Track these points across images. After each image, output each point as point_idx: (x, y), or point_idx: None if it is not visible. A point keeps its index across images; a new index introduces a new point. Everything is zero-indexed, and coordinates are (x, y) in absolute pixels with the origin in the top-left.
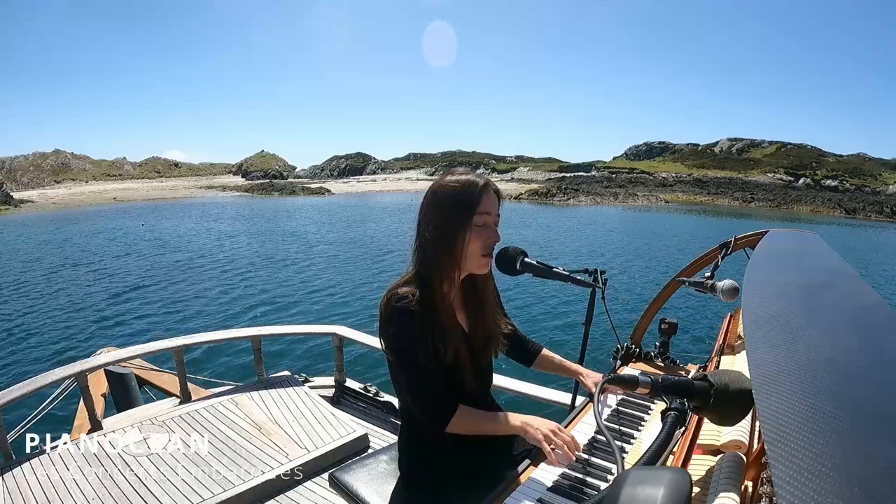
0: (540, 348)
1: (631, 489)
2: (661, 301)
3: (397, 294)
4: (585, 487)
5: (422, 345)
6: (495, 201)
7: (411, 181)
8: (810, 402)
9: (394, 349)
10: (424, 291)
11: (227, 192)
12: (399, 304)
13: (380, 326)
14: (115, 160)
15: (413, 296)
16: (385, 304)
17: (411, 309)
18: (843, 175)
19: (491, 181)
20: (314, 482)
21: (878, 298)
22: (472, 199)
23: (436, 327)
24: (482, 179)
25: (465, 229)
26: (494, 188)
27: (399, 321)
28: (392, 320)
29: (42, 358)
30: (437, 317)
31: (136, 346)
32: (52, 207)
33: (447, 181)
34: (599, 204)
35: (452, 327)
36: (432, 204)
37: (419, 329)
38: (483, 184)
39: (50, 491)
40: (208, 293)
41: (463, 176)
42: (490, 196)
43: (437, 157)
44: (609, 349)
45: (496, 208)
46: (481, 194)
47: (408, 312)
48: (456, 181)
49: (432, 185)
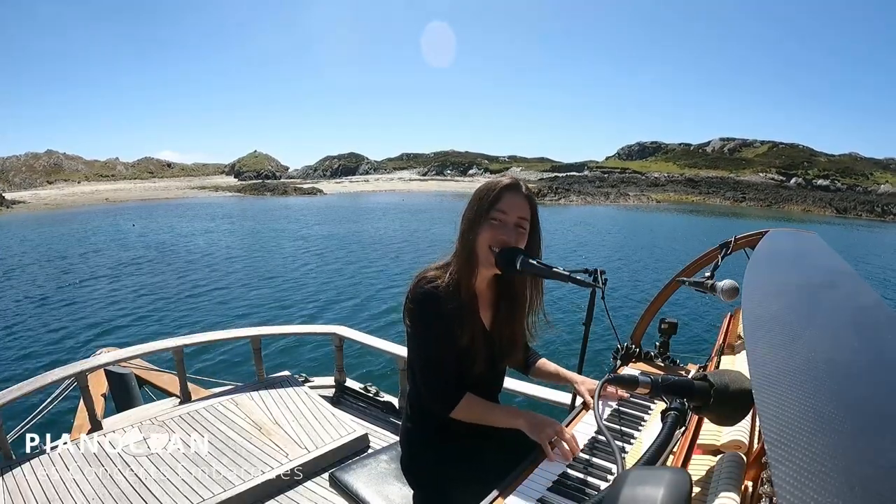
0: (538, 358)
1: (631, 489)
2: (661, 301)
3: (426, 278)
4: (585, 487)
5: (441, 328)
6: (522, 204)
7: (404, 181)
8: (810, 402)
9: (414, 327)
10: (451, 278)
11: (220, 192)
12: (426, 286)
13: (404, 305)
14: (107, 160)
15: (440, 280)
16: (414, 286)
17: (436, 292)
18: (835, 174)
19: (523, 185)
20: (314, 482)
21: (879, 298)
22: (492, 195)
23: (456, 313)
24: (510, 180)
25: (480, 223)
26: (526, 193)
27: (423, 303)
28: (417, 301)
29: (42, 358)
30: (458, 303)
31: (136, 346)
32: (45, 208)
33: (486, 180)
34: (590, 204)
35: (472, 316)
36: (469, 200)
37: (440, 311)
38: (507, 184)
39: (50, 491)
40: (208, 293)
41: (499, 177)
42: (514, 196)
43: (430, 157)
44: (609, 349)
45: (521, 211)
46: (502, 192)
47: (432, 295)
48: (490, 180)
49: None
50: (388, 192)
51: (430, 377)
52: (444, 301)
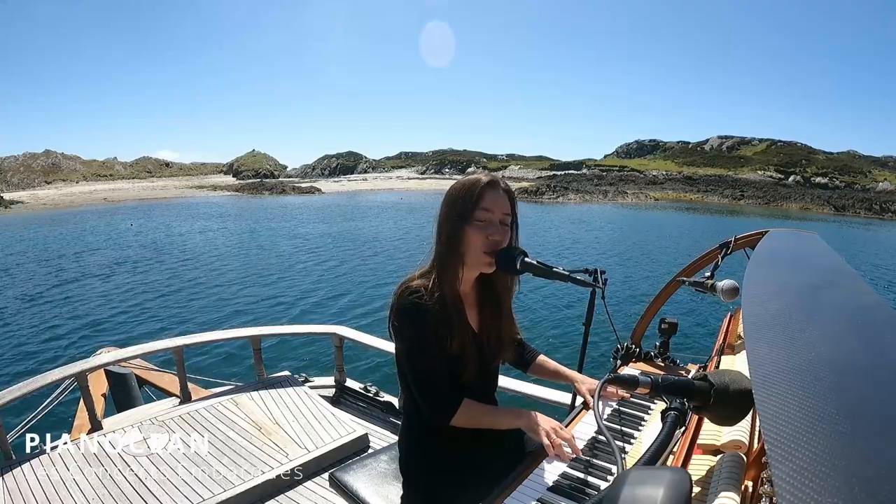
0: (537, 355)
1: (631, 489)
2: (661, 301)
3: (410, 287)
4: (585, 487)
5: (430, 338)
6: (503, 200)
7: (402, 180)
8: (810, 402)
9: (402, 341)
10: (435, 286)
11: (218, 191)
12: (410, 297)
13: (390, 317)
14: (105, 160)
15: (424, 289)
16: (398, 296)
17: (422, 303)
18: (833, 172)
19: (500, 180)
20: (314, 482)
21: (879, 298)
22: (474, 195)
23: (444, 321)
24: (489, 178)
25: (465, 225)
26: (504, 188)
27: (409, 314)
28: (403, 313)
29: (42, 358)
30: (445, 311)
31: (136, 346)
32: (43, 208)
33: (458, 180)
34: (588, 202)
35: (460, 322)
36: (444, 202)
37: (428, 322)
38: (487, 181)
39: (50, 491)
40: (208, 293)
41: (473, 175)
42: (495, 194)
43: (429, 155)
44: (609, 349)
45: (504, 207)
46: (484, 191)
47: (418, 306)
48: (465, 179)
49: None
50: (386, 191)
51: (425, 389)
52: (431, 310)
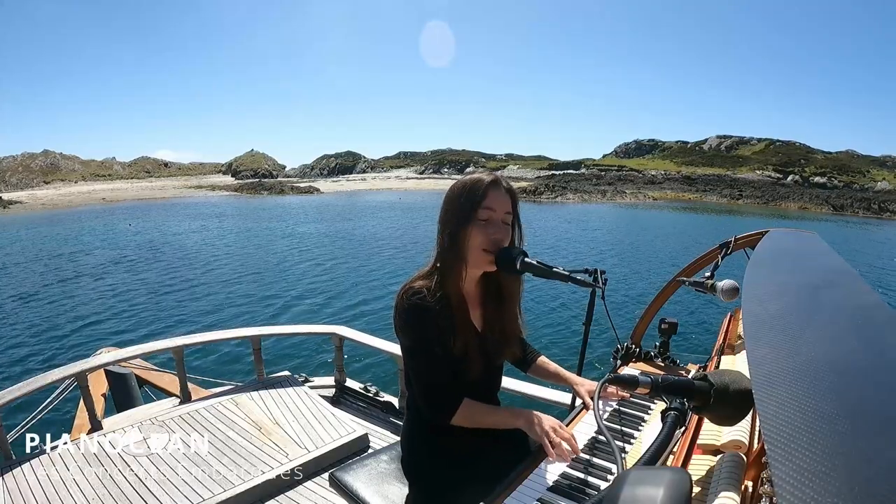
0: (538, 355)
1: (631, 489)
2: (661, 301)
3: (412, 289)
4: (585, 487)
5: (433, 338)
6: (505, 199)
7: (400, 179)
8: (810, 402)
9: (406, 341)
10: (437, 286)
11: (217, 191)
12: (413, 298)
13: (394, 318)
14: (104, 160)
15: (427, 290)
16: (400, 298)
17: (424, 303)
18: (832, 172)
19: (503, 179)
20: (314, 482)
21: (879, 298)
22: (477, 193)
23: (447, 321)
24: (491, 177)
25: (468, 224)
26: (507, 187)
27: (412, 315)
28: (406, 314)
29: (42, 358)
30: (448, 311)
31: (136, 346)
32: (42, 208)
33: (460, 179)
34: (587, 202)
35: (464, 322)
36: (445, 201)
37: (431, 322)
38: (490, 180)
39: (50, 491)
40: (207, 293)
41: (475, 174)
42: (497, 193)
43: (427, 155)
44: (609, 349)
45: (506, 206)
46: (486, 190)
47: (420, 307)
48: (467, 178)
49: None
50: (385, 191)
51: (425, 389)
52: (434, 311)
